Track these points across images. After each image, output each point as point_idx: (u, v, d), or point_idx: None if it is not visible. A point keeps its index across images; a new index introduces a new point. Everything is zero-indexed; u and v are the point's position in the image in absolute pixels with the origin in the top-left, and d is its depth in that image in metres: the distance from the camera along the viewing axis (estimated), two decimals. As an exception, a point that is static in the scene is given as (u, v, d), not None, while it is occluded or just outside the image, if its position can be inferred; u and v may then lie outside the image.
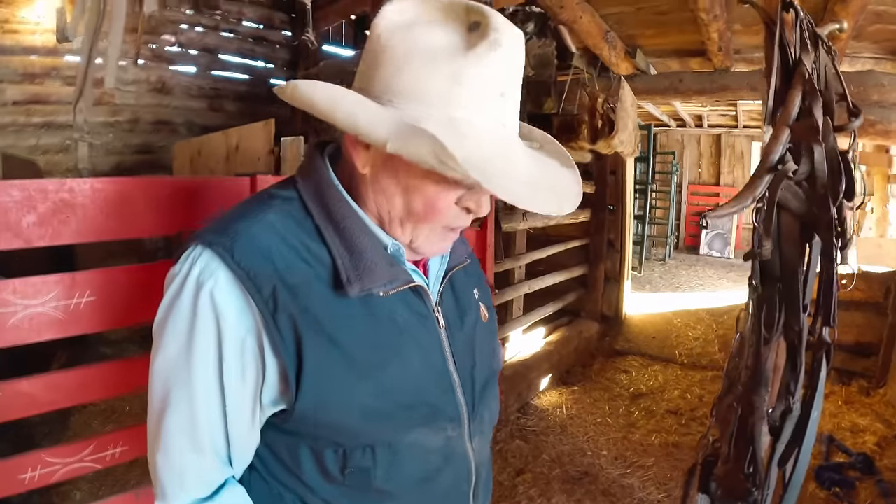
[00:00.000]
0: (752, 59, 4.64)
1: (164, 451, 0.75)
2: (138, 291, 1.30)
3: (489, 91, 0.73)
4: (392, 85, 0.72)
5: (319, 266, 0.76)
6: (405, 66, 0.71)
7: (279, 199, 0.79)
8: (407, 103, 0.71)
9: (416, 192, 0.76)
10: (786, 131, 1.64)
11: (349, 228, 0.77)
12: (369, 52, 0.76)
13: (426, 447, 0.83)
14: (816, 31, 1.82)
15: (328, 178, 0.80)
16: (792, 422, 1.67)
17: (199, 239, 0.74)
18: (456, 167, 0.65)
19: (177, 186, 1.38)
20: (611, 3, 3.93)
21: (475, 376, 0.90)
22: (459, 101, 0.71)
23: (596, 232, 5.54)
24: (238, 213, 0.78)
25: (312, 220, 0.78)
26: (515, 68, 0.75)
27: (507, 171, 0.71)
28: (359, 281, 0.75)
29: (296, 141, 3.23)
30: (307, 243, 0.76)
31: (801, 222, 1.65)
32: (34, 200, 1.14)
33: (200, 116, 5.73)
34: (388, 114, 0.69)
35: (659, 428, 3.72)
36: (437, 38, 0.72)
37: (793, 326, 1.66)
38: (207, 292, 0.71)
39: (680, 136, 12.01)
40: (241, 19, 6.05)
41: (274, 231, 0.75)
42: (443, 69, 0.70)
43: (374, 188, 0.78)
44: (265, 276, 0.72)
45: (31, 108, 4.67)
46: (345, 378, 0.75)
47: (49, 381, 1.22)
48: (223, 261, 0.71)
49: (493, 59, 0.71)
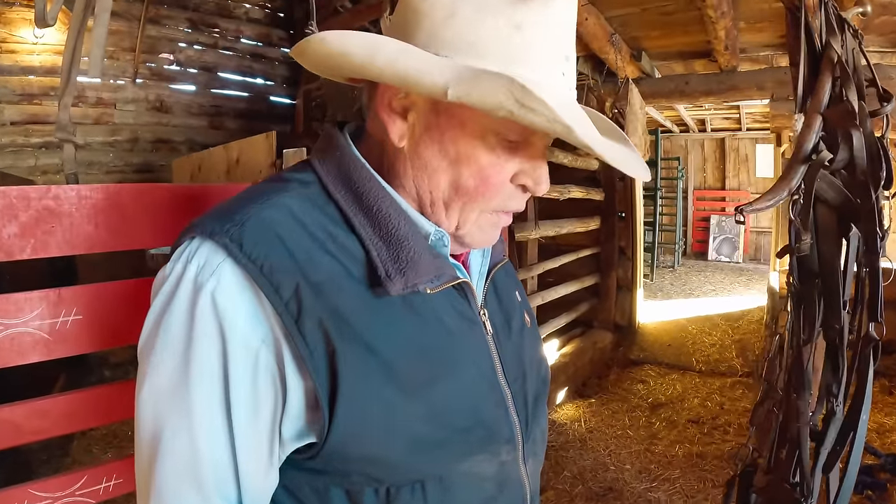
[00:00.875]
0: (757, 57, 4.58)
1: (159, 501, 0.58)
2: (130, 309, 1.19)
3: (554, 46, 0.62)
4: (439, 35, 0.60)
5: (349, 260, 0.62)
6: (454, 13, 0.60)
7: (295, 182, 0.66)
8: (458, 55, 0.59)
9: (465, 164, 0.64)
10: (818, 119, 1.55)
11: (384, 213, 0.64)
12: (406, 8, 0.64)
13: (480, 476, 0.68)
14: (842, 15, 1.74)
15: (354, 156, 0.67)
16: (836, 425, 1.57)
17: (197, 229, 0.60)
18: (542, 109, 0.53)
19: (173, 194, 1.27)
20: (616, 4, 3.86)
21: (527, 390, 0.77)
22: (522, 54, 0.60)
23: (606, 240, 5.44)
24: (246, 196, 0.64)
25: (336, 206, 0.65)
26: (573, 27, 0.65)
27: (591, 127, 0.61)
28: (401, 275, 0.61)
29: (298, 153, 3.15)
30: (333, 232, 0.63)
31: (839, 214, 1.55)
32: (15, 209, 1.04)
33: (201, 134, 5.69)
34: (442, 60, 0.58)
35: (681, 438, 3.59)
36: None
37: (833, 324, 1.56)
38: (208, 295, 0.57)
39: (684, 141, 11.97)
40: (239, 37, 6.04)
41: (293, 217, 0.61)
42: (501, 15, 0.59)
43: (413, 164, 0.66)
44: (285, 271, 0.57)
45: (29, 128, 4.63)
46: (390, 398, 0.61)
47: (34, 407, 1.10)
48: (229, 253, 0.57)
49: (555, 7, 0.61)
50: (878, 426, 3.54)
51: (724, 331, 5.57)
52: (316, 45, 0.63)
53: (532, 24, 0.59)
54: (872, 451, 3.17)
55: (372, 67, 0.58)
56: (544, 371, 0.86)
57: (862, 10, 1.94)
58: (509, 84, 0.53)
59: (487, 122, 0.62)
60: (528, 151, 0.65)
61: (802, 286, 1.59)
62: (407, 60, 0.57)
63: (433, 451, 0.63)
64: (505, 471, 0.71)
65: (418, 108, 0.64)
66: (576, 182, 4.82)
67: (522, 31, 0.59)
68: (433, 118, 0.63)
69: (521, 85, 0.53)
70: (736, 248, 10.90)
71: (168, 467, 0.58)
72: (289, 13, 6.38)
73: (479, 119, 0.61)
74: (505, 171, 0.65)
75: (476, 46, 0.59)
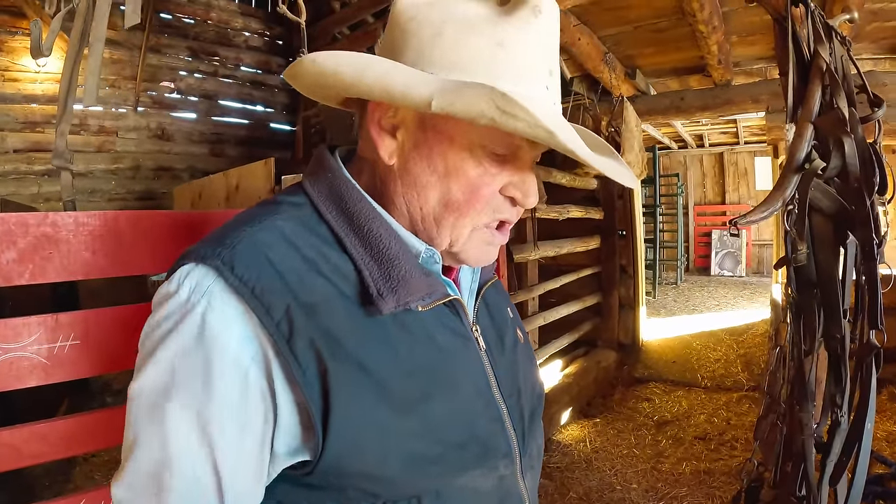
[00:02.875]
0: (751, 70, 4.63)
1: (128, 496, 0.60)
2: (128, 334, 1.19)
3: (537, 62, 0.64)
4: (426, 54, 0.63)
5: (341, 280, 0.63)
6: (440, 33, 0.62)
7: (287, 205, 0.67)
8: (444, 72, 0.61)
9: (454, 178, 0.65)
10: (809, 127, 1.56)
11: (375, 232, 0.65)
12: (391, 34, 0.67)
13: (478, 491, 0.68)
14: (829, 23, 1.76)
15: (345, 177, 0.68)
16: (841, 436, 1.55)
17: (192, 254, 0.61)
18: (523, 114, 0.55)
19: (170, 220, 1.28)
20: (608, 23, 3.92)
21: (522, 404, 0.77)
22: (505, 70, 0.62)
23: (607, 259, 5.45)
24: (238, 220, 0.65)
25: (328, 227, 0.66)
26: (557, 41, 0.67)
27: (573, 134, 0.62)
28: (393, 294, 0.63)
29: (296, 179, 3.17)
30: (325, 253, 0.63)
31: (835, 222, 1.55)
32: (14, 235, 1.05)
33: (202, 162, 5.74)
34: (428, 76, 0.60)
35: (688, 455, 3.55)
36: (471, 8, 0.63)
37: (834, 334, 1.55)
38: (198, 315, 0.57)
39: (682, 157, 12.03)
40: (238, 65, 6.12)
41: (284, 239, 0.62)
42: (484, 33, 0.61)
43: (403, 181, 0.67)
44: (275, 292, 0.58)
45: (32, 156, 4.68)
46: (383, 416, 0.61)
47: (33, 431, 1.10)
48: (220, 275, 0.58)
49: (537, 25, 0.63)
50: (888, 434, 3.49)
51: (728, 345, 5.53)
52: (308, 66, 0.65)
53: (514, 41, 0.62)
54: (882, 459, 3.13)
55: (361, 84, 0.60)
56: (539, 387, 0.86)
57: (849, 17, 1.97)
58: (490, 92, 0.55)
59: (474, 136, 0.63)
60: (515, 164, 0.67)
61: (801, 296, 1.59)
62: (394, 76, 0.59)
63: (429, 467, 0.63)
64: (504, 485, 0.71)
65: (407, 126, 0.66)
66: (574, 202, 4.84)
67: (505, 48, 0.61)
68: (421, 135, 0.65)
69: (501, 93, 0.54)
70: (739, 262, 10.88)
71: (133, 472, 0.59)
72: (287, 41, 6.47)
73: (466, 133, 0.63)
74: (494, 183, 0.66)
75: (462, 64, 0.61)
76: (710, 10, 3.42)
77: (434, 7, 0.64)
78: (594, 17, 3.83)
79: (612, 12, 3.68)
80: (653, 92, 5.12)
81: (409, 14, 0.64)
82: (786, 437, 1.62)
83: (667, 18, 3.75)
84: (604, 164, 0.66)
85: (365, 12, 5.70)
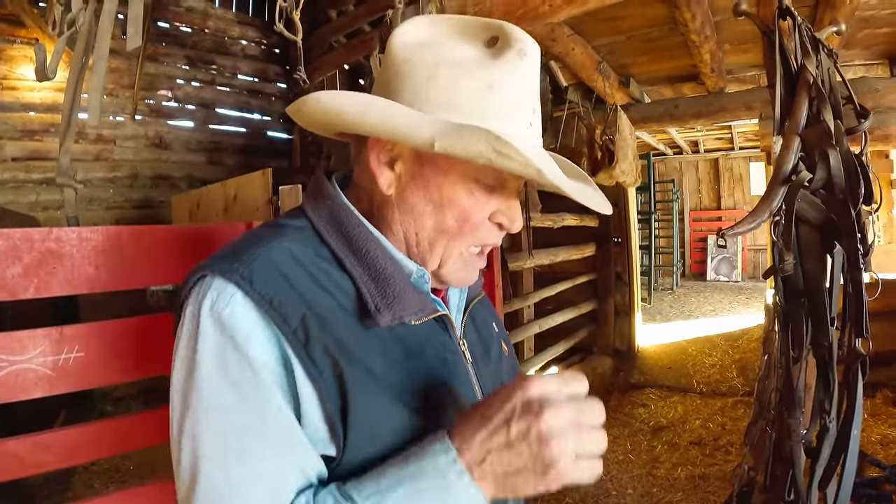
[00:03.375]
0: (744, 78, 4.68)
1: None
2: (131, 346, 1.23)
3: (522, 101, 0.71)
4: (421, 95, 0.68)
5: (342, 295, 0.68)
6: (435, 75, 0.68)
7: (291, 229, 0.73)
8: (438, 112, 0.67)
9: (448, 207, 0.71)
10: (796, 140, 1.59)
11: (372, 254, 0.71)
12: (388, 71, 0.73)
13: None
14: (816, 36, 1.80)
15: (344, 204, 0.75)
16: (830, 441, 1.58)
17: (207, 269, 0.66)
18: (517, 156, 0.61)
19: (171, 235, 1.32)
20: (602, 33, 3.96)
21: None
22: (495, 110, 0.68)
23: (602, 266, 5.49)
24: (248, 240, 0.71)
25: (329, 249, 0.72)
26: (538, 83, 0.74)
27: (558, 170, 0.71)
28: (389, 309, 0.68)
29: (294, 190, 3.20)
30: (328, 271, 0.69)
31: (821, 232, 1.58)
32: (19, 250, 1.08)
33: (199, 170, 5.75)
34: (428, 118, 0.66)
35: (683, 461, 3.58)
36: (462, 51, 0.70)
37: (822, 342, 1.58)
38: (225, 319, 0.62)
39: (678, 163, 12.09)
40: (236, 73, 6.14)
41: (293, 258, 0.68)
42: (475, 76, 0.68)
43: (400, 209, 0.73)
44: (291, 303, 0.64)
45: (30, 164, 4.69)
46: (394, 411, 0.66)
47: (38, 441, 1.13)
48: (239, 288, 0.63)
49: (522, 67, 0.70)
50: (883, 438, 3.53)
51: (724, 351, 5.57)
52: (312, 104, 0.70)
53: (502, 83, 0.68)
54: (876, 463, 3.15)
55: (364, 124, 0.66)
56: None
57: (837, 29, 2.00)
58: (487, 136, 0.61)
59: (467, 170, 0.70)
60: (503, 193, 0.74)
61: (789, 305, 1.61)
62: (397, 118, 0.65)
63: None
64: None
65: (404, 160, 0.71)
66: (569, 210, 4.89)
67: (494, 89, 0.68)
68: (418, 168, 0.71)
69: (497, 136, 0.60)
70: (734, 267, 10.94)
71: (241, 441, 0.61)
72: (284, 49, 6.50)
73: (459, 167, 0.69)
74: (484, 211, 0.73)
75: (455, 104, 0.67)
76: (702, 20, 3.47)
77: (427, 49, 0.70)
78: (588, 28, 3.88)
79: (606, 22, 3.73)
80: (647, 100, 5.17)
81: (405, 56, 0.70)
82: (775, 442, 1.64)
83: (659, 28, 3.81)
84: (580, 192, 0.74)
85: (361, 21, 5.74)
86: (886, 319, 4.19)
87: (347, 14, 5.81)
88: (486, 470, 0.58)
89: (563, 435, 0.57)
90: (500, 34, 0.71)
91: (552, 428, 0.57)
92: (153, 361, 1.26)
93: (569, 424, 0.58)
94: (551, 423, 0.57)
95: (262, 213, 3.37)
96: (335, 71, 6.65)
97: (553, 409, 0.57)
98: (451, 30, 0.73)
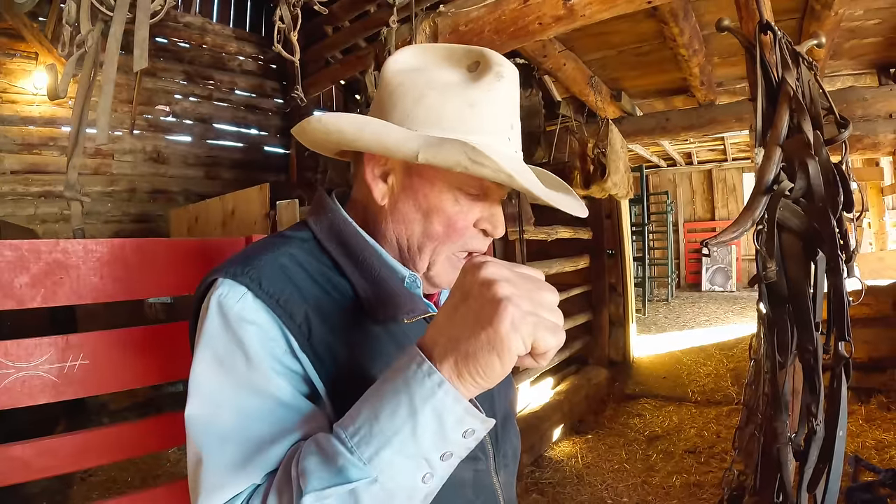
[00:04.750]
0: (734, 90, 4.75)
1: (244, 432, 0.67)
2: (134, 354, 1.26)
3: (500, 118, 0.78)
4: (410, 114, 0.77)
5: (341, 296, 0.76)
6: (423, 96, 0.77)
7: (296, 239, 0.81)
8: (426, 129, 0.75)
9: (435, 214, 0.79)
10: (777, 150, 1.65)
11: (368, 260, 0.79)
12: (382, 93, 0.81)
13: (460, 480, 0.78)
14: (796, 49, 1.86)
15: (343, 216, 0.83)
16: (817, 444, 1.61)
17: (220, 272, 0.73)
18: (489, 163, 0.67)
19: (173, 248, 1.36)
20: (593, 48, 4.04)
21: (495, 409, 0.88)
22: (475, 126, 0.76)
23: (597, 278, 5.53)
24: (257, 247, 0.79)
25: (329, 256, 0.79)
26: (517, 100, 0.82)
27: (530, 176, 0.78)
28: (382, 308, 0.75)
29: (291, 204, 3.25)
30: (328, 276, 0.77)
31: (804, 239, 1.63)
32: (27, 261, 1.12)
33: (197, 184, 5.80)
34: (414, 133, 0.74)
35: (679, 469, 3.60)
36: (447, 75, 0.79)
37: (807, 347, 1.62)
38: (237, 311, 0.69)
39: (671, 175, 12.18)
40: (233, 88, 6.21)
41: (298, 264, 0.76)
42: (457, 96, 0.76)
43: (393, 218, 0.81)
44: (295, 302, 0.71)
45: (29, 177, 4.74)
46: None
47: (43, 446, 1.16)
48: (250, 289, 0.70)
49: (500, 88, 0.77)
50: (877, 442, 3.56)
51: (718, 360, 5.61)
52: (315, 125, 0.77)
53: (482, 102, 0.76)
54: (871, 467, 3.18)
55: (360, 140, 0.74)
56: (511, 393, 0.99)
57: (817, 42, 2.06)
58: (463, 146, 0.68)
59: (451, 180, 0.77)
60: (486, 201, 0.81)
61: (774, 311, 1.66)
62: (388, 134, 0.73)
63: None
64: (479, 478, 0.83)
65: (396, 173, 0.80)
66: (563, 222, 4.94)
67: (474, 108, 0.76)
68: (408, 180, 0.79)
69: (472, 147, 0.68)
70: (729, 277, 11.00)
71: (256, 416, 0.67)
72: (281, 65, 6.58)
73: (445, 178, 0.77)
74: (468, 218, 0.80)
75: (440, 121, 0.76)
76: (690, 35, 3.55)
77: (416, 74, 0.79)
78: (579, 43, 3.95)
79: (596, 38, 3.80)
80: (639, 113, 5.24)
81: (397, 80, 0.79)
82: (763, 446, 1.68)
83: (649, 43, 3.88)
84: (556, 198, 0.82)
85: (357, 37, 5.82)
86: (880, 325, 4.25)
87: (343, 30, 5.89)
88: (447, 349, 0.58)
89: (509, 281, 0.57)
90: (481, 59, 0.80)
91: (496, 273, 0.58)
92: (155, 370, 1.30)
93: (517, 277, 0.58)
94: (493, 270, 0.58)
95: (260, 228, 3.42)
96: (331, 86, 6.74)
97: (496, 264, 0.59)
98: (438, 57, 0.82)
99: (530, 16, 2.61)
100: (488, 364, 0.56)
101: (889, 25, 3.54)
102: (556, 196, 0.83)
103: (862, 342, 4.15)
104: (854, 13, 3.35)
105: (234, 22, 6.33)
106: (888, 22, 3.49)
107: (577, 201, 0.89)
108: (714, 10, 3.36)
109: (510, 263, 0.61)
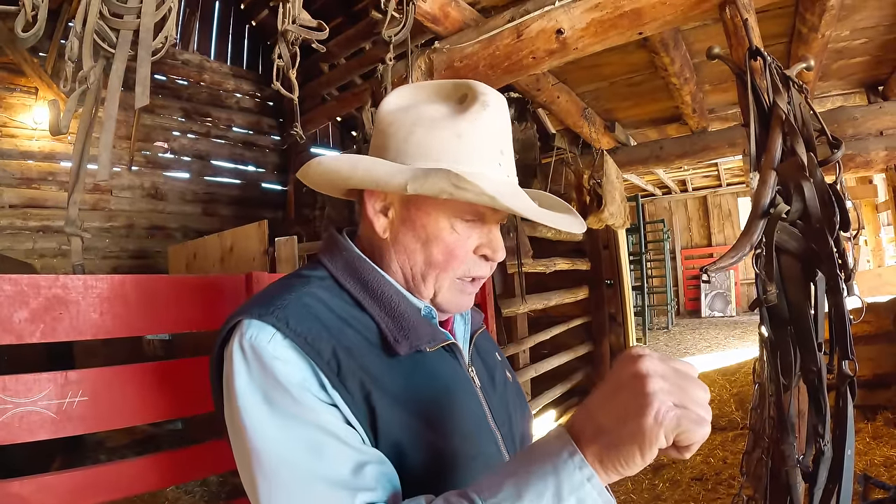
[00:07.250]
0: (726, 116, 4.80)
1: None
2: (134, 392, 1.25)
3: (488, 145, 0.82)
4: (402, 149, 0.81)
5: (365, 331, 0.78)
6: (412, 132, 0.81)
7: (314, 279, 0.83)
8: (417, 162, 0.80)
9: (434, 243, 0.82)
10: (772, 174, 1.66)
11: (386, 294, 0.82)
12: (377, 133, 0.86)
13: None
14: (786, 73, 1.89)
15: (357, 253, 0.86)
16: (826, 464, 1.59)
17: (245, 314, 0.74)
18: (471, 187, 0.71)
19: (173, 284, 1.36)
20: (585, 80, 4.09)
21: (514, 432, 0.91)
22: (464, 155, 0.80)
23: (596, 308, 5.52)
24: (278, 288, 0.81)
25: (349, 293, 0.82)
26: (506, 127, 0.86)
27: (518, 197, 0.81)
28: (406, 339, 0.78)
29: (290, 241, 3.26)
30: (350, 311, 0.79)
31: (802, 261, 1.63)
32: (26, 296, 1.12)
33: (195, 221, 5.82)
34: (403, 167, 0.78)
35: (686, 497, 3.54)
36: (435, 110, 0.83)
37: (811, 367, 1.61)
38: (269, 352, 0.70)
39: (667, 203, 12.26)
40: (230, 125, 6.28)
41: (321, 301, 0.78)
42: (445, 129, 0.80)
43: (395, 249, 0.85)
44: (323, 339, 0.73)
45: (27, 211, 4.75)
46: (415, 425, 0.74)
47: (41, 482, 1.14)
48: (278, 329, 0.72)
49: (486, 116, 0.81)
50: (886, 459, 3.50)
51: (721, 386, 5.55)
52: (315, 167, 0.84)
53: (469, 132, 0.80)
54: (881, 485, 3.11)
55: (354, 178, 0.80)
56: (528, 415, 1.02)
57: (806, 66, 2.10)
58: (447, 175, 0.73)
59: (446, 209, 0.81)
60: (483, 227, 0.85)
61: (776, 334, 1.65)
62: (377, 169, 0.78)
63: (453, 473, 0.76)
64: None
65: (395, 206, 0.84)
66: (561, 254, 4.98)
67: (462, 138, 0.80)
68: (406, 212, 0.83)
69: (456, 174, 0.72)
70: (728, 302, 10.99)
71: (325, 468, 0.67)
72: (278, 102, 6.66)
73: (440, 207, 0.81)
74: (467, 245, 0.84)
75: (430, 154, 0.80)
76: (681, 63, 3.61)
77: (408, 112, 0.83)
78: (571, 76, 4.01)
79: (588, 70, 3.86)
80: (632, 142, 5.29)
81: (389, 119, 0.85)
82: (772, 469, 1.66)
83: (640, 73, 3.94)
84: (549, 217, 0.85)
85: (353, 73, 5.91)
86: (883, 342, 4.22)
87: (339, 67, 5.99)
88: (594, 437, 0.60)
89: (663, 377, 0.58)
90: (468, 91, 0.84)
91: (651, 368, 0.58)
92: (155, 407, 1.29)
93: (669, 371, 0.59)
94: (649, 365, 0.58)
95: (259, 264, 3.41)
96: (327, 123, 6.82)
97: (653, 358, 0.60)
98: (428, 93, 0.87)
99: (524, 50, 2.66)
100: (630, 455, 0.57)
101: (875, 44, 3.60)
102: (549, 215, 0.86)
103: (865, 360, 4.10)
104: (840, 34, 3.40)
105: (231, 59, 6.43)
106: (874, 41, 3.55)
107: (576, 218, 0.92)
108: (704, 39, 3.42)
109: (665, 357, 0.61)
